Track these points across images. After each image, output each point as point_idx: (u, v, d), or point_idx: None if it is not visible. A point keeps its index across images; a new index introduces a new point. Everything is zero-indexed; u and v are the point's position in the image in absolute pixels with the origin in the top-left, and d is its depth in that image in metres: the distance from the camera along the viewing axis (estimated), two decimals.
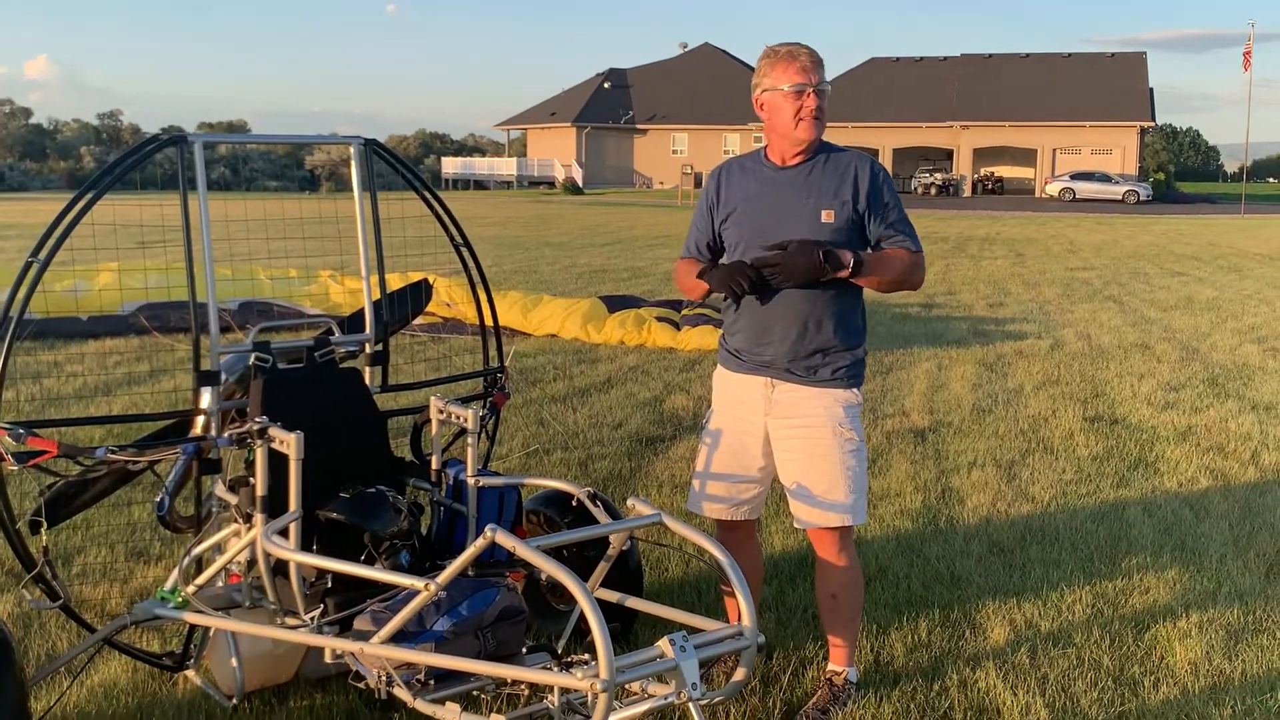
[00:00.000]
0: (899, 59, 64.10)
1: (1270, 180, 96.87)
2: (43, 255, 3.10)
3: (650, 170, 67.91)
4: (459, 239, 3.95)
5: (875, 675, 3.70)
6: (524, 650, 3.03)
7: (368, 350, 3.74)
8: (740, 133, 63.34)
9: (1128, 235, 29.00)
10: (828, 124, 3.30)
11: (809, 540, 3.55)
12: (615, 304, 11.30)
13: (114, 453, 3.12)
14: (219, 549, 3.32)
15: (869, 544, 4.94)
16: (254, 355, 3.41)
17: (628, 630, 3.79)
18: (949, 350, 10.32)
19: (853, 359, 3.40)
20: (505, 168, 69.97)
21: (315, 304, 11.82)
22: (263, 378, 3.36)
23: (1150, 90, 57.17)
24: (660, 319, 10.52)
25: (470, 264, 4.01)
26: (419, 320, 8.06)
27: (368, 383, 3.69)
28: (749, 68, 57.41)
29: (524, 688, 3.01)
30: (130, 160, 3.31)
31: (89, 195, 3.15)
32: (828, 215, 3.27)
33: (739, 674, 2.82)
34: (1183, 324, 12.27)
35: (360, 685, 2.92)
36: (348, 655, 2.91)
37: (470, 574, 3.02)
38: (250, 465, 3.21)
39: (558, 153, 67.49)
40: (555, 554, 2.94)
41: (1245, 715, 3.52)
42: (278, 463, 3.09)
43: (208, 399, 3.36)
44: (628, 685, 2.66)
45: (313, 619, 3.09)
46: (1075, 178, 51.92)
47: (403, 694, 2.79)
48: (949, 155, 58.72)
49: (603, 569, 3.17)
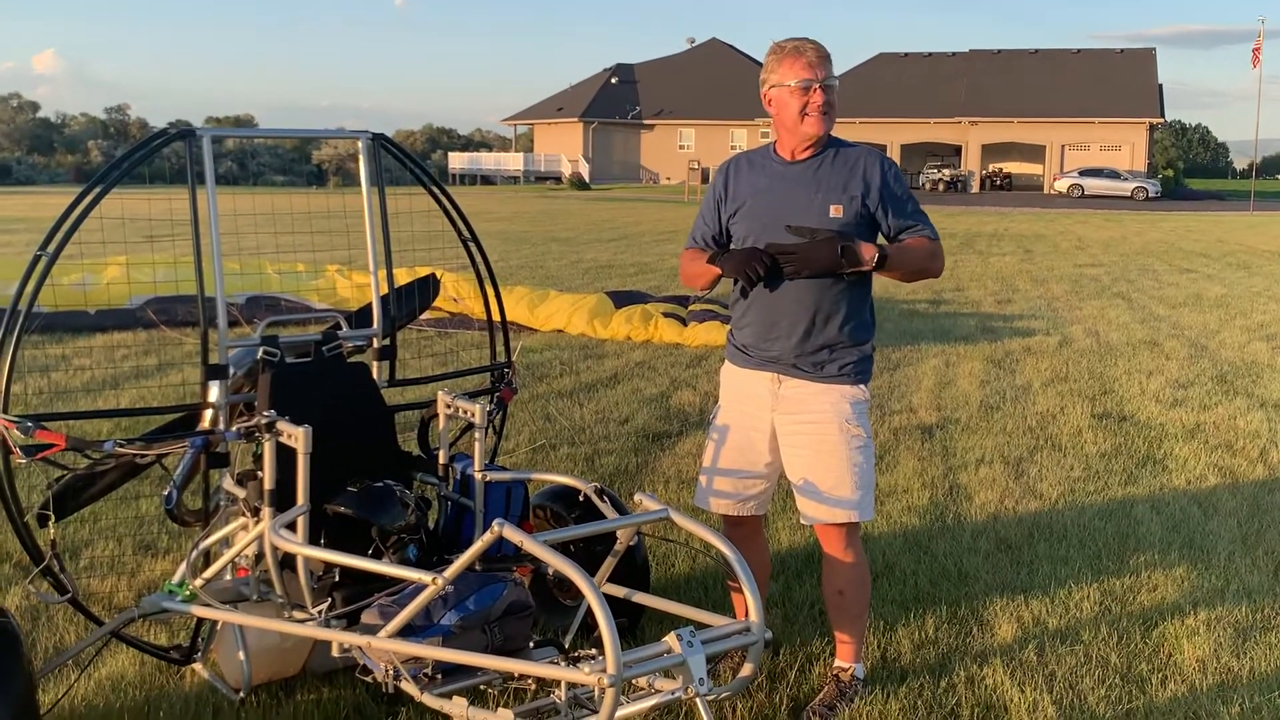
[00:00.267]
0: (907, 55, 64.00)
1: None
2: (51, 248, 3.11)
3: (657, 165, 67.86)
4: (466, 234, 3.95)
5: (882, 672, 3.69)
6: (531, 645, 3.03)
7: (375, 345, 3.75)
8: (748, 128, 63.24)
9: (1136, 232, 28.93)
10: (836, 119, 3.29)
11: (816, 536, 3.55)
12: (622, 299, 11.30)
13: (122, 446, 3.12)
14: (227, 543, 3.32)
15: (876, 540, 4.93)
16: (262, 349, 3.42)
17: (635, 625, 3.79)
18: (957, 346, 10.30)
19: (860, 355, 3.39)
20: (512, 163, 70.01)
21: (323, 299, 11.83)
22: (270, 372, 3.37)
23: (1159, 86, 57.02)
24: (667, 315, 10.52)
25: (477, 259, 4.00)
26: (426, 315, 8.07)
27: (375, 377, 3.69)
28: (756, 63, 56.95)
29: (531, 682, 3.00)
30: (138, 154, 3.31)
31: (97, 189, 3.16)
32: (836, 210, 3.26)
33: (746, 670, 2.82)
34: (1191, 321, 12.23)
35: (367, 679, 2.93)
36: (355, 649, 2.92)
37: (477, 568, 3.01)
38: (258, 459, 3.21)
39: (565, 148, 67.47)
40: (562, 549, 2.95)
41: (1253, 713, 3.51)
42: (285, 457, 3.09)
43: (216, 393, 3.36)
44: (635, 680, 2.66)
45: (320, 613, 3.10)
46: (1084, 174, 51.77)
47: (410, 688, 2.79)
48: (957, 151, 58.62)
49: (610, 564, 3.17)
